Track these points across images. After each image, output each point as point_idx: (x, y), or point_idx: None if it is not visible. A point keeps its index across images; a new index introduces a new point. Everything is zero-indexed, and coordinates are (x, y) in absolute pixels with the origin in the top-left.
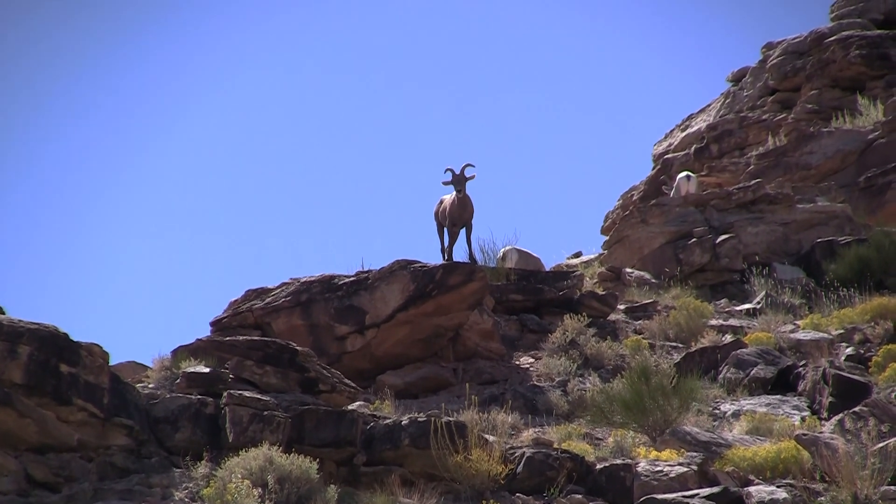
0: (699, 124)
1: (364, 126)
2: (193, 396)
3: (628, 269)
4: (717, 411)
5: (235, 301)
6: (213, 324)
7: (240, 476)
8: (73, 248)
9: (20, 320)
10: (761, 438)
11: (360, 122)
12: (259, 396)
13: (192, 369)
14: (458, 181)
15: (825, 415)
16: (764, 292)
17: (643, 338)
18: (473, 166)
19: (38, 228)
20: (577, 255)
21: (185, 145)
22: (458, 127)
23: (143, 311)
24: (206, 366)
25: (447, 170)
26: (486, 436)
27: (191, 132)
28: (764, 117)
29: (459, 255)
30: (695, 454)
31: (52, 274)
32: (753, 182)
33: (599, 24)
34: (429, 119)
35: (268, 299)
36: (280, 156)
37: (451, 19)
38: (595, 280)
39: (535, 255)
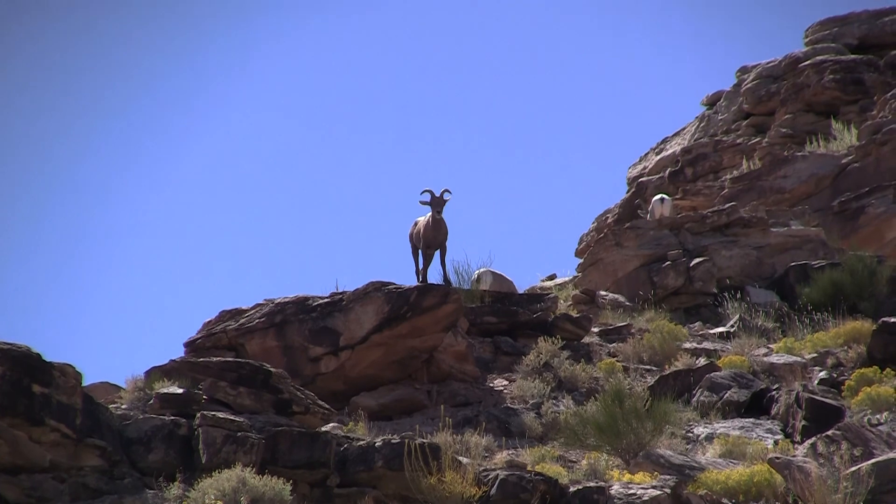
0: (674, 148)
1: (340, 148)
2: (167, 417)
3: (602, 292)
4: (691, 434)
5: (209, 322)
6: (186, 344)
7: (213, 497)
8: (47, 268)
9: None
10: (735, 462)
11: (335, 145)
12: (233, 418)
13: (165, 390)
14: (437, 203)
15: (798, 438)
16: (738, 316)
17: (617, 360)
18: (450, 192)
19: (11, 248)
20: (552, 277)
21: (158, 168)
22: (434, 150)
23: (117, 332)
24: (180, 387)
25: (425, 191)
26: (460, 458)
27: (163, 156)
28: (738, 141)
29: (434, 277)
30: (668, 477)
31: (25, 294)
32: (728, 205)
33: (576, 48)
34: (404, 142)
35: (242, 320)
36: (255, 178)
37: (426, 45)
38: (569, 303)
39: (508, 277)
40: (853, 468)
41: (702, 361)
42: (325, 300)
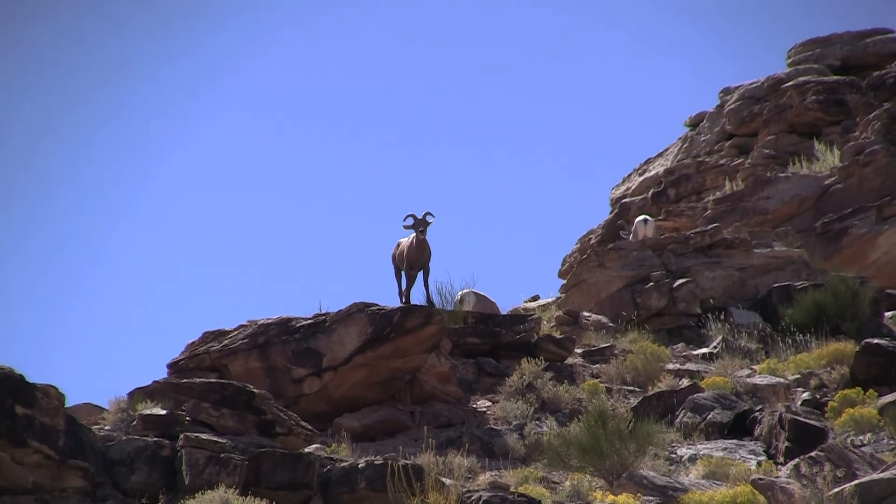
0: (657, 169)
1: (322, 168)
2: (150, 438)
3: (585, 313)
4: (674, 455)
5: (192, 343)
6: (169, 366)
7: None
8: (29, 288)
9: None
10: (718, 483)
11: (317, 164)
12: (216, 439)
13: (148, 411)
14: (421, 223)
15: (781, 459)
16: (721, 337)
17: (600, 381)
18: (433, 216)
19: None
20: (535, 298)
21: (141, 189)
22: (417, 170)
23: (100, 353)
24: (163, 408)
25: (409, 216)
26: (443, 479)
27: (145, 177)
28: (721, 162)
29: (417, 298)
30: (651, 498)
31: (7, 314)
32: (710, 227)
33: (559, 69)
34: (386, 162)
35: (225, 341)
36: (237, 197)
37: (408, 67)
38: (552, 324)
39: (492, 298)
40: (836, 489)
41: (685, 382)
42: (308, 321)
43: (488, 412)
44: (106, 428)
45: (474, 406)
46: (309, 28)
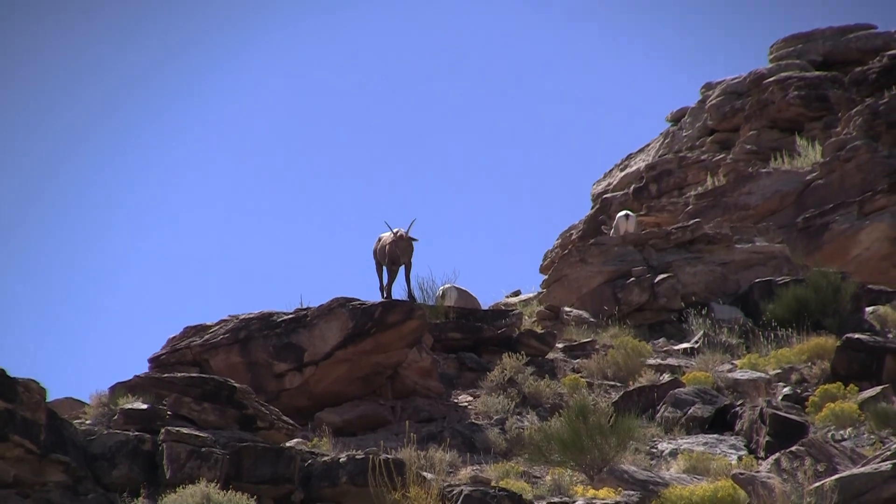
0: (638, 164)
1: (303, 163)
2: (131, 433)
3: (567, 308)
4: (655, 450)
5: (174, 338)
6: (151, 360)
7: None
8: (10, 282)
9: None
10: (698, 477)
11: (298, 158)
12: (197, 433)
13: (129, 406)
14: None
15: (762, 454)
16: (702, 332)
17: (581, 376)
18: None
19: None
20: (516, 293)
21: (121, 186)
22: (397, 165)
23: (81, 348)
24: (144, 402)
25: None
26: (425, 473)
27: (126, 174)
28: (703, 157)
29: (398, 293)
30: (632, 493)
31: None
32: (692, 222)
33: (540, 64)
34: (368, 157)
35: (206, 336)
36: (219, 192)
37: (388, 64)
38: (534, 319)
39: (473, 294)
40: (817, 484)
41: (666, 377)
42: (290, 316)
43: (469, 407)
44: (87, 422)
45: (455, 401)
46: (290, 24)
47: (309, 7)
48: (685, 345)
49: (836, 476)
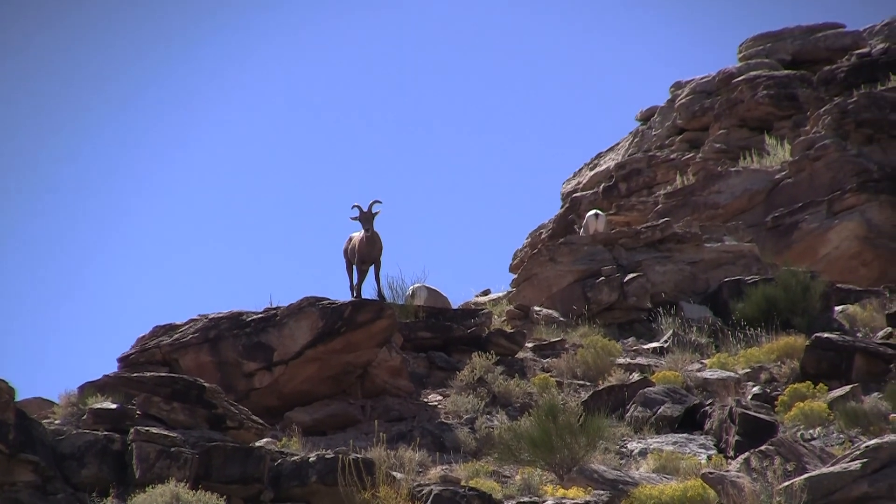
0: (608, 163)
1: (273, 160)
2: (100, 433)
3: (536, 308)
4: (625, 449)
5: (143, 337)
6: (120, 360)
7: None
8: None
9: None
10: (668, 477)
11: (269, 158)
12: (166, 433)
13: (99, 405)
14: (367, 219)
15: (732, 453)
16: (671, 331)
17: (551, 376)
18: (380, 202)
19: None
20: (486, 292)
21: (89, 181)
22: (367, 162)
23: (50, 347)
24: (114, 402)
25: (354, 206)
26: (394, 473)
27: (95, 168)
28: (672, 156)
29: (368, 292)
30: (602, 492)
31: None
32: (661, 221)
33: (509, 62)
34: (337, 154)
35: (176, 335)
36: (188, 190)
37: (360, 56)
38: (503, 318)
39: (443, 293)
40: (786, 483)
41: (635, 377)
42: (259, 315)
43: (439, 406)
44: (56, 422)
45: (425, 400)
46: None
47: None
48: (655, 344)
49: (806, 475)
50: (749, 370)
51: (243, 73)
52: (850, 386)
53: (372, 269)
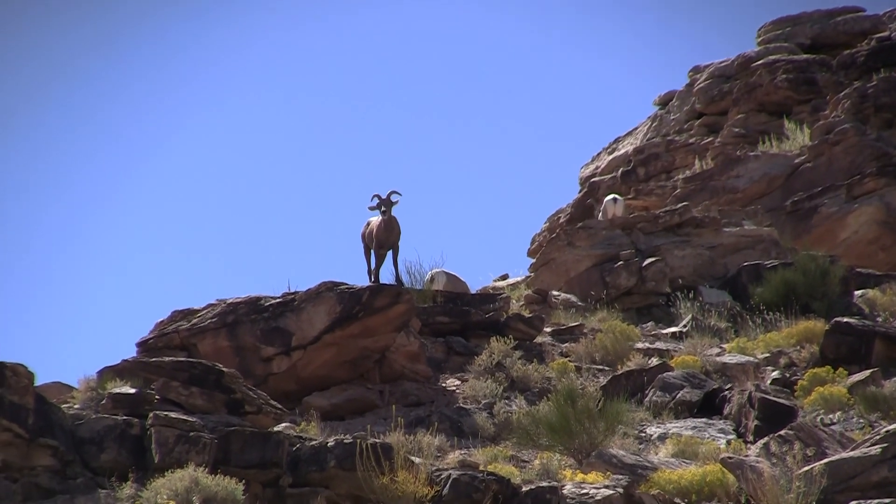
0: (626, 148)
1: (292, 147)
2: (119, 417)
3: (555, 292)
4: (643, 434)
5: (162, 322)
6: (139, 345)
7: (165, 497)
8: None
9: None
10: (687, 461)
11: (288, 143)
12: (185, 417)
13: (117, 390)
14: (385, 203)
15: (751, 438)
16: (690, 316)
17: (569, 361)
18: (399, 194)
19: None
20: (504, 277)
21: (112, 168)
22: (386, 149)
23: (69, 332)
24: (132, 387)
25: (374, 196)
26: (412, 458)
27: (116, 156)
28: (691, 141)
29: (386, 277)
30: (621, 477)
31: None
32: (680, 205)
33: (528, 47)
34: (357, 142)
35: (194, 320)
36: (207, 177)
37: (379, 44)
38: (521, 303)
39: (461, 278)
40: (806, 468)
41: (654, 361)
42: (277, 300)
43: (457, 391)
44: (75, 407)
45: (443, 385)
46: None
47: None
48: (673, 329)
49: (826, 460)
50: (768, 355)
51: (269, 57)
52: (870, 370)
53: (390, 253)
